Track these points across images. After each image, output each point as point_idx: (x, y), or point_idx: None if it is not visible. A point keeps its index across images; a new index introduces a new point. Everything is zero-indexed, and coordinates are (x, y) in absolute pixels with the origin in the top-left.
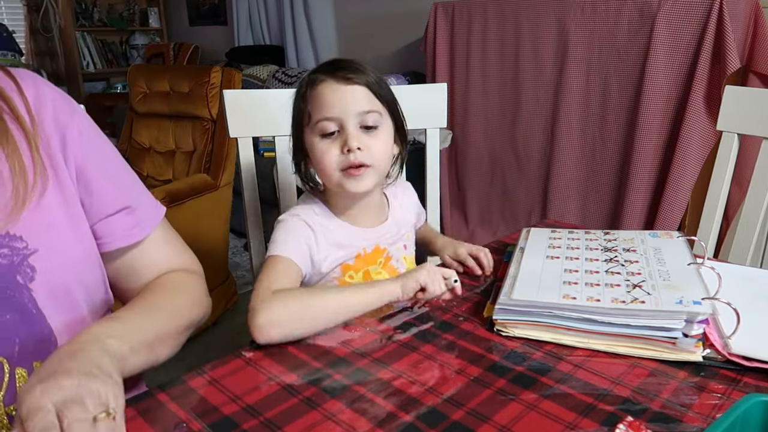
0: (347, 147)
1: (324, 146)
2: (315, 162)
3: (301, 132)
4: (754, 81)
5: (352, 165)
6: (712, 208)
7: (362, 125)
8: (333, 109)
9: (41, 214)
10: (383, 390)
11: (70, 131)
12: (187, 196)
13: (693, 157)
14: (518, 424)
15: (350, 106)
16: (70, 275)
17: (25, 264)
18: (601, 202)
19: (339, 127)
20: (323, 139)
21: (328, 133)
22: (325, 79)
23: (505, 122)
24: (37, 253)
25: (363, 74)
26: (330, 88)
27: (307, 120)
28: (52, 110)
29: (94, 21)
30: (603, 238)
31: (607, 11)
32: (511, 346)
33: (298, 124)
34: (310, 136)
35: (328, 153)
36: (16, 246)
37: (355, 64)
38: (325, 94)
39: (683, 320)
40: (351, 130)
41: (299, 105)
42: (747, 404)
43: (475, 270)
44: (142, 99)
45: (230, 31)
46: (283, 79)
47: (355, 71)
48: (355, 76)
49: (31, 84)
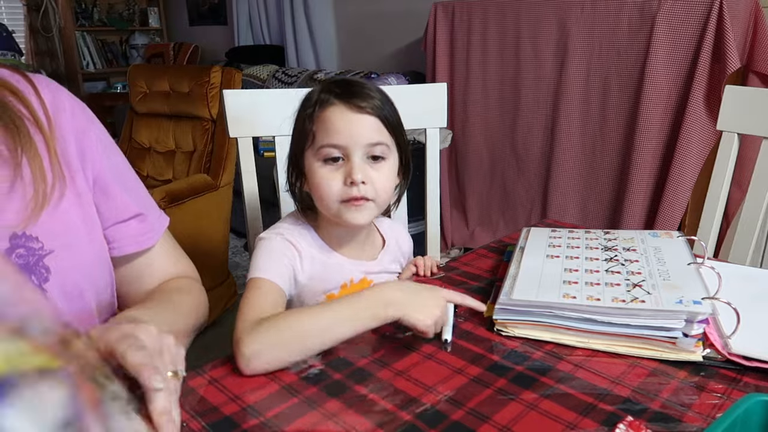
0: (351, 179)
1: (325, 173)
2: (313, 187)
3: (301, 151)
4: (754, 81)
5: (354, 198)
6: (712, 208)
7: (368, 155)
8: (340, 137)
9: (58, 216)
10: (383, 390)
11: (88, 138)
12: (187, 196)
13: (693, 156)
14: (518, 423)
15: (359, 136)
16: (83, 276)
17: (40, 264)
18: (601, 202)
19: (343, 155)
20: (325, 164)
21: (331, 158)
22: (336, 103)
23: (505, 122)
24: (53, 254)
25: (376, 103)
26: (340, 114)
27: (311, 142)
28: (71, 116)
29: (94, 21)
30: (603, 237)
31: (607, 11)
32: (511, 345)
33: (300, 142)
34: (311, 159)
35: (329, 181)
36: (33, 246)
37: (367, 89)
38: (334, 120)
39: (683, 320)
40: (356, 161)
41: (304, 124)
42: (747, 404)
43: (419, 270)
44: (142, 99)
45: (230, 30)
46: (283, 78)
47: (368, 99)
48: (367, 105)
49: (46, 88)
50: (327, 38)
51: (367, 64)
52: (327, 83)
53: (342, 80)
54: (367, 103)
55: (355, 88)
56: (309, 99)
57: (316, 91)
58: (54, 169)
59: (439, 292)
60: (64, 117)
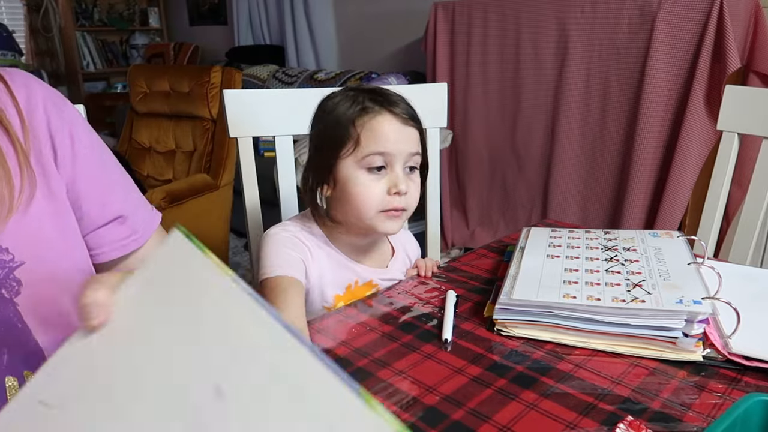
0: (396, 189)
1: (368, 181)
2: (350, 195)
3: (335, 157)
4: (755, 80)
5: (396, 208)
6: (713, 208)
7: (406, 165)
8: (390, 146)
9: (29, 224)
10: (383, 390)
11: (61, 136)
12: (187, 196)
13: (693, 156)
14: (518, 423)
15: (406, 146)
16: (58, 287)
17: (11, 277)
18: (601, 202)
19: (387, 163)
20: (369, 173)
21: (376, 167)
22: (382, 112)
23: (506, 122)
24: (24, 266)
25: (415, 115)
26: (389, 124)
27: (351, 148)
28: (44, 115)
29: (94, 21)
30: (603, 237)
31: (607, 11)
32: (512, 345)
33: (334, 148)
34: (350, 166)
35: (371, 190)
36: (2, 258)
37: (405, 100)
38: (384, 129)
39: (683, 320)
40: (400, 172)
41: (345, 129)
42: (747, 404)
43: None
44: (142, 99)
45: (230, 30)
46: (283, 78)
47: (409, 110)
48: (409, 117)
49: (22, 86)
50: (327, 38)
51: (367, 63)
52: (360, 91)
53: (377, 89)
54: (409, 115)
55: (394, 98)
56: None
57: (351, 97)
58: (23, 170)
59: None
60: (38, 115)
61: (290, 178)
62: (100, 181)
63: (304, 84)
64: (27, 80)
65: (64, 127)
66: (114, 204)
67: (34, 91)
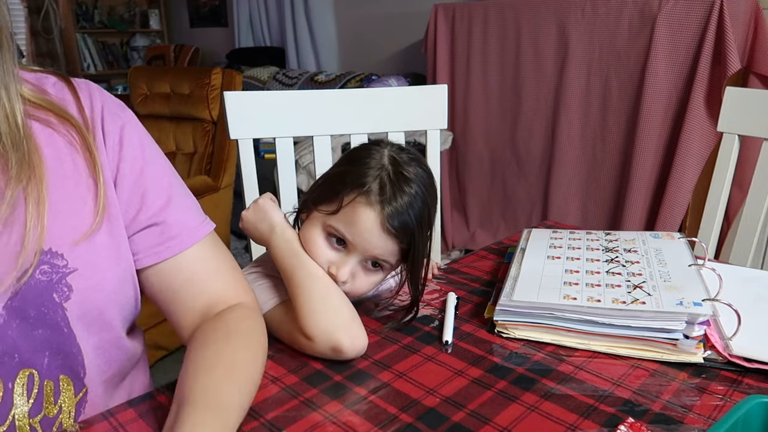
0: (335, 272)
1: (321, 241)
2: (303, 240)
3: (316, 202)
4: (755, 82)
5: (336, 281)
6: (713, 209)
7: (367, 261)
8: (356, 239)
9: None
10: (384, 391)
11: (111, 142)
12: None
13: (694, 158)
14: (519, 425)
15: (375, 250)
16: (104, 296)
17: (63, 283)
18: (601, 204)
19: (347, 245)
20: (327, 238)
21: (334, 237)
22: (375, 206)
23: (506, 123)
24: (76, 273)
25: (409, 231)
26: (371, 222)
27: (328, 210)
28: (100, 122)
29: (95, 23)
30: (604, 238)
31: (608, 13)
32: (512, 347)
33: (321, 196)
34: (318, 221)
35: (320, 249)
36: (57, 264)
37: (415, 212)
38: (363, 222)
39: (684, 321)
40: (352, 263)
41: (337, 193)
42: (748, 405)
43: None
44: (142, 101)
45: (231, 32)
46: (283, 80)
47: (406, 226)
48: (399, 232)
49: (88, 98)
50: (328, 40)
51: (367, 65)
52: (391, 163)
53: (406, 172)
54: (401, 231)
55: (404, 199)
56: (362, 164)
57: (376, 167)
58: (99, 198)
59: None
60: (97, 126)
61: (290, 179)
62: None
63: (305, 86)
64: (89, 89)
65: (115, 131)
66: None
67: (94, 100)
